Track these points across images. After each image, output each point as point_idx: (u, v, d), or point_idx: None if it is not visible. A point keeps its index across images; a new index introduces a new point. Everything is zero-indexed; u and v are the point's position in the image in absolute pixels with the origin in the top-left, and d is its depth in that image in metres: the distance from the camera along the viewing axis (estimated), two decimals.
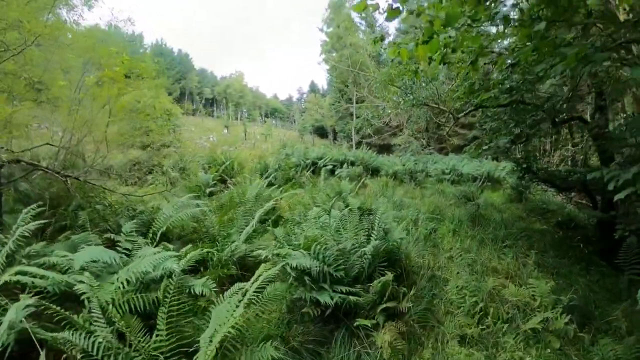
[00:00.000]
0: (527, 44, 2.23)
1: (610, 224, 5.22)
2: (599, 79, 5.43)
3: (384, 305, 2.51)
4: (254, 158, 10.84)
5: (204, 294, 2.74)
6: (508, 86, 2.68)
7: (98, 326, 2.40)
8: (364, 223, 3.40)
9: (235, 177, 8.83)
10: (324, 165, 10.54)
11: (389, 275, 2.55)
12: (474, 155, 5.79)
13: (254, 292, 2.16)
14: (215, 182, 9.06)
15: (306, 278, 2.44)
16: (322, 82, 58.34)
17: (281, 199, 6.77)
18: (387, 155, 16.91)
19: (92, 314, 2.43)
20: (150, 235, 4.59)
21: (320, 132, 42.47)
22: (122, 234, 4.06)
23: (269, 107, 62.04)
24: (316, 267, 2.44)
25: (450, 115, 5.22)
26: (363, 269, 2.76)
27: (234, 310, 2.17)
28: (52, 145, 5.90)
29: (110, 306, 2.39)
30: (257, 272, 2.31)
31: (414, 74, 3.66)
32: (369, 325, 2.33)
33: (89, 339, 2.30)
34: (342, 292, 2.46)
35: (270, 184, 9.25)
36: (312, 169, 10.16)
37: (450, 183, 10.64)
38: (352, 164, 11.00)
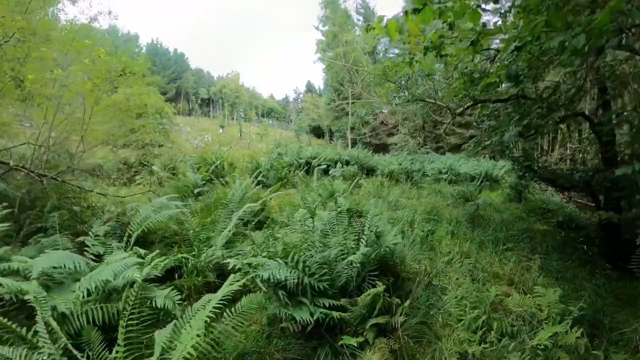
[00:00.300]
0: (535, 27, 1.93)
1: (615, 225, 4.98)
2: (602, 73, 5.18)
3: (373, 321, 2.20)
4: (246, 158, 10.51)
5: (166, 306, 2.42)
6: (515, 72, 2.39)
7: (44, 342, 2.11)
8: (355, 226, 3.09)
9: (225, 177, 8.50)
10: (318, 165, 10.24)
11: (380, 287, 2.23)
12: (472, 153, 5.51)
13: (218, 306, 1.85)
14: (204, 182, 8.74)
15: (280, 292, 2.12)
16: (319, 82, 58.14)
17: (271, 199, 6.45)
18: (383, 154, 16.63)
19: (37, 329, 2.13)
20: (125, 238, 4.30)
21: (317, 132, 42.20)
22: (89, 237, 3.74)
23: (265, 107, 61.66)
24: (293, 278, 2.11)
25: (448, 111, 4.93)
26: (351, 278, 2.44)
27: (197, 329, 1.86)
28: (31, 144, 5.61)
29: (52, 320, 2.07)
30: (225, 285, 1.99)
31: (409, 65, 3.36)
32: (355, 344, 2.02)
33: (30, 356, 2.00)
34: (325, 307, 2.14)
35: (262, 184, 8.95)
36: (305, 168, 9.86)
37: (447, 183, 10.38)
38: (347, 163, 10.70)
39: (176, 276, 3.63)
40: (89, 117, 5.80)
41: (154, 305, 2.49)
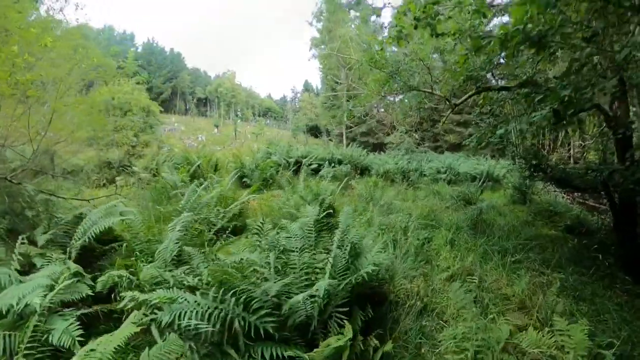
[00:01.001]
0: None
1: (632, 229, 4.41)
2: (618, 60, 4.56)
3: None
4: (230, 157, 9.87)
5: (62, 344, 1.85)
6: (537, 35, 1.75)
7: None
8: (326, 240, 2.44)
9: (205, 177, 7.85)
10: (309, 165, 9.60)
11: (346, 333, 1.59)
12: (473, 150, 4.88)
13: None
14: (183, 183, 8.10)
15: (189, 344, 1.46)
16: (317, 81, 57.50)
17: (248, 201, 5.81)
18: (379, 153, 15.98)
19: None
20: (69, 248, 3.75)
21: (315, 131, 41.58)
22: (17, 247, 3.12)
23: (262, 106, 60.98)
24: (210, 326, 1.45)
25: (447, 102, 4.29)
26: (312, 316, 1.80)
27: None
28: None
29: None
30: (122, 327, 1.36)
31: (396, 41, 2.73)
32: None
33: None
34: (266, 359, 1.50)
35: (246, 186, 8.32)
36: (294, 168, 9.21)
37: (446, 183, 9.75)
38: (340, 162, 10.07)
39: (112, 297, 3.01)
40: (51, 115, 5.35)
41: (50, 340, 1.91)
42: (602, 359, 2.12)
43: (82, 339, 2.03)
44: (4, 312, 2.27)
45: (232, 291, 1.58)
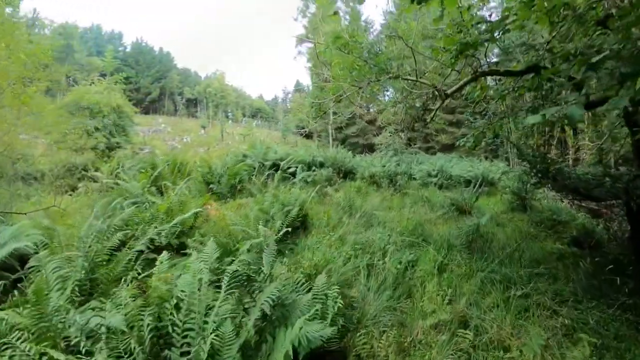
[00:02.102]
0: None
1: None
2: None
3: None
4: (197, 160, 8.91)
5: None
6: None
7: None
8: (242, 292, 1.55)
9: (158, 185, 6.91)
10: (287, 168, 8.70)
11: None
12: (472, 148, 4.03)
13: None
14: (143, 190, 7.16)
15: None
16: (308, 81, 56.57)
17: (197, 216, 4.90)
18: (365, 155, 15.11)
19: None
20: None
21: (305, 132, 40.69)
22: None
23: (253, 107, 59.89)
24: None
25: (435, 91, 3.44)
26: None
27: None
28: None
29: None
30: None
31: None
32: None
33: None
34: None
35: (214, 193, 7.42)
36: (268, 172, 8.30)
37: (437, 188, 8.91)
38: (321, 165, 9.19)
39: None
40: None
41: None
42: None
43: None
44: None
45: None
